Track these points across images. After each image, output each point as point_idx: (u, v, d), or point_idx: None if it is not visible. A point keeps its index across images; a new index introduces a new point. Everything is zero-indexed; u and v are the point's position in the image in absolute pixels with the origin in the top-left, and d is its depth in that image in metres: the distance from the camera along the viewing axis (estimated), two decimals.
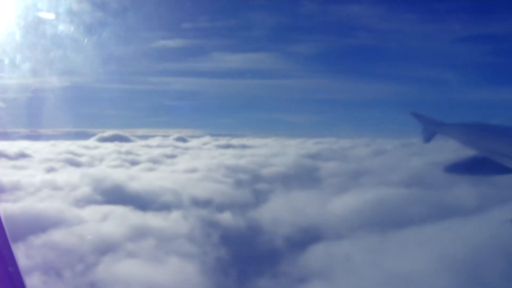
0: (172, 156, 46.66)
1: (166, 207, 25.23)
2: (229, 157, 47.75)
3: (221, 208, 26.26)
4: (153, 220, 22.39)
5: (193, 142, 63.42)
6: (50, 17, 21.84)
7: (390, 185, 34.20)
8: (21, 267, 3.27)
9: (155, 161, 42.62)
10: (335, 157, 51.91)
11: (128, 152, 45.89)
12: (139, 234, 19.87)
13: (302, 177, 39.41)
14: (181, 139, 65.82)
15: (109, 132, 59.51)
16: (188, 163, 42.01)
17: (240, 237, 21.32)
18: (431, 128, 9.86)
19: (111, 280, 15.41)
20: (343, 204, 26.36)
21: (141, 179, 32.71)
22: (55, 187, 28.94)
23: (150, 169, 39.10)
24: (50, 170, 35.56)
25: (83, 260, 16.63)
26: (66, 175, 32.59)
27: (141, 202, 25.74)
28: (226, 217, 24.64)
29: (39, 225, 19.80)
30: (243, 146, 60.49)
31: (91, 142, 53.74)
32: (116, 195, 26.99)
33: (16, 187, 26.86)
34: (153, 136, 67.59)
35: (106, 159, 42.56)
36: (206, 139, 66.81)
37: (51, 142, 50.69)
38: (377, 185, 35.13)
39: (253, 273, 16.47)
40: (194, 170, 37.96)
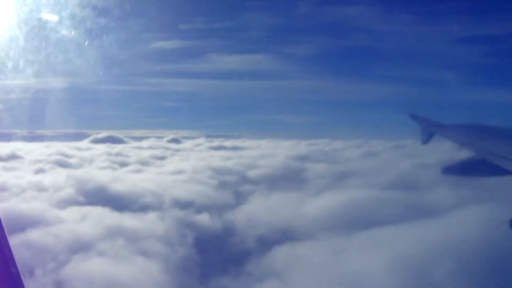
0: (162, 158, 47.51)
1: (144, 208, 26.05)
2: (218, 159, 48.54)
3: (199, 210, 27.03)
4: (128, 221, 23.17)
5: (186, 144, 64.26)
6: (48, 19, 21.79)
7: (372, 187, 34.89)
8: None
9: (144, 163, 43.47)
10: (324, 159, 52.68)
11: (118, 154, 46.77)
12: (112, 234, 20.67)
13: (287, 179, 40.13)
14: (175, 141, 66.68)
15: (103, 134, 60.47)
16: (176, 165, 42.82)
17: (211, 238, 22.09)
18: (430, 130, 9.91)
19: (77, 278, 16.21)
20: (319, 206, 27.04)
21: (126, 181, 33.52)
22: (40, 189, 29.80)
23: (138, 171, 39.95)
24: (39, 172, 36.46)
25: (53, 259, 17.44)
26: (53, 177, 33.42)
27: (121, 204, 26.56)
28: (202, 218, 25.42)
29: (17, 226, 20.56)
30: (235, 148, 61.28)
31: (84, 144, 54.73)
32: (98, 197, 27.79)
33: (1, 189, 27.75)
34: (148, 138, 68.63)
35: (96, 161, 43.45)
36: (200, 141, 67.69)
37: (45, 144, 51.71)
38: (359, 187, 35.82)
39: (214, 273, 17.24)
40: (180, 172, 38.76)
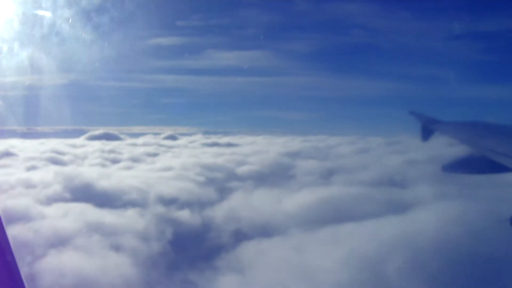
0: (154, 155, 48.40)
1: (126, 205, 26.96)
2: (210, 156, 49.38)
3: (180, 206, 27.90)
4: (108, 217, 24.08)
5: (182, 140, 65.12)
6: (46, 15, 21.79)
7: (355, 184, 35.54)
8: None
9: (136, 160, 44.40)
10: (316, 155, 53.25)
11: (111, 151, 47.73)
12: (89, 230, 21.61)
13: (274, 176, 40.86)
14: (171, 137, 67.58)
15: (99, 131, 61.51)
16: (167, 162, 43.67)
17: (186, 234, 22.96)
18: (429, 127, 9.90)
19: (48, 272, 17.12)
20: (296, 202, 27.78)
21: (114, 178, 34.48)
22: (29, 185, 30.80)
23: (128, 168, 40.88)
24: (31, 169, 37.48)
25: (28, 254, 18.36)
26: (43, 174, 34.43)
27: (105, 200, 27.49)
28: (181, 215, 26.29)
29: None
30: (229, 145, 62.01)
31: (80, 141, 55.78)
32: (84, 193, 28.75)
33: None
34: (145, 134, 69.68)
35: (89, 158, 44.50)
36: (196, 137, 68.47)
37: (41, 141, 52.77)
38: (342, 184, 36.54)
39: (181, 267, 18.12)
40: (169, 169, 39.60)
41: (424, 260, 15.80)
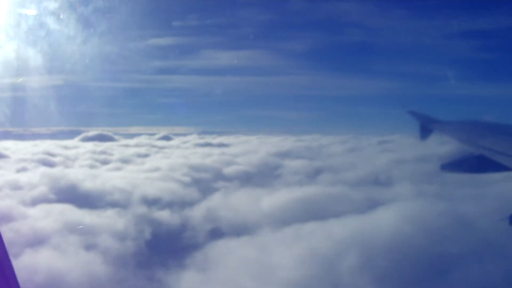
0: (145, 156, 49.21)
1: (108, 205, 27.84)
2: (199, 156, 50.14)
3: (161, 206, 28.74)
4: (87, 217, 24.94)
5: (176, 141, 65.86)
6: (41, 16, 21.55)
7: (338, 183, 36.25)
8: None
9: (125, 161, 45.21)
10: (306, 155, 53.84)
11: (102, 152, 48.59)
12: (67, 230, 22.47)
13: (260, 176, 41.56)
14: (166, 138, 68.35)
15: (94, 132, 62.42)
16: (156, 163, 44.42)
17: (160, 233, 23.80)
18: (428, 126, 9.89)
19: (22, 269, 17.96)
20: (272, 202, 28.46)
21: (100, 179, 35.30)
22: (16, 187, 31.72)
23: (117, 169, 41.68)
24: (21, 171, 38.39)
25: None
26: (31, 175, 35.32)
27: (87, 201, 28.37)
28: (160, 215, 27.11)
29: None
30: (221, 145, 62.71)
31: (73, 142, 56.69)
32: (68, 194, 29.62)
33: None
34: (140, 135, 70.55)
35: (80, 159, 45.38)
36: (190, 138, 69.16)
37: (35, 142, 53.72)
38: (326, 183, 37.29)
39: (150, 266, 18.95)
40: (157, 170, 40.39)
41: (369, 258, 16.47)
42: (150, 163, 44.28)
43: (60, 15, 22.63)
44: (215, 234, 22.29)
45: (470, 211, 21.46)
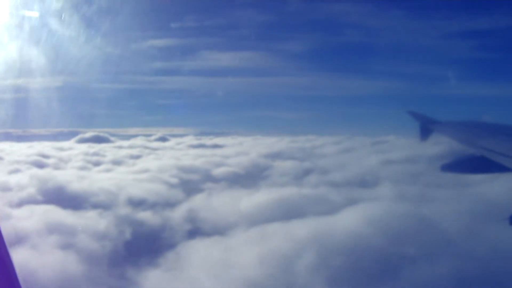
0: (137, 157, 49.94)
1: (92, 207, 28.63)
2: (190, 157, 50.79)
3: (145, 207, 29.49)
4: (70, 218, 25.70)
5: (171, 142, 66.56)
6: (41, 17, 22.15)
7: (324, 184, 36.87)
8: None
9: (117, 163, 45.95)
10: (297, 156, 54.25)
11: (95, 154, 49.37)
12: (49, 231, 23.26)
13: (248, 177, 42.07)
14: (162, 139, 69.08)
15: (90, 133, 63.25)
16: (146, 164, 45.16)
17: (140, 234, 24.51)
18: (428, 127, 9.91)
19: None
20: (252, 203, 29.14)
21: (89, 180, 36.12)
22: (6, 189, 32.60)
23: (108, 170, 42.47)
24: (13, 172, 39.24)
25: None
26: (22, 177, 36.17)
27: (73, 202, 29.09)
28: (143, 216, 27.83)
29: None
30: (215, 146, 63.36)
31: (68, 144, 57.52)
32: (55, 196, 30.43)
33: None
34: (136, 136, 71.28)
35: (72, 161, 46.21)
36: (186, 139, 69.81)
37: (30, 144, 54.64)
38: (312, 184, 37.85)
39: (123, 266, 19.70)
40: (146, 171, 41.14)
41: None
42: (141, 165, 45.00)
43: (59, 17, 22.98)
44: (191, 234, 23.00)
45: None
